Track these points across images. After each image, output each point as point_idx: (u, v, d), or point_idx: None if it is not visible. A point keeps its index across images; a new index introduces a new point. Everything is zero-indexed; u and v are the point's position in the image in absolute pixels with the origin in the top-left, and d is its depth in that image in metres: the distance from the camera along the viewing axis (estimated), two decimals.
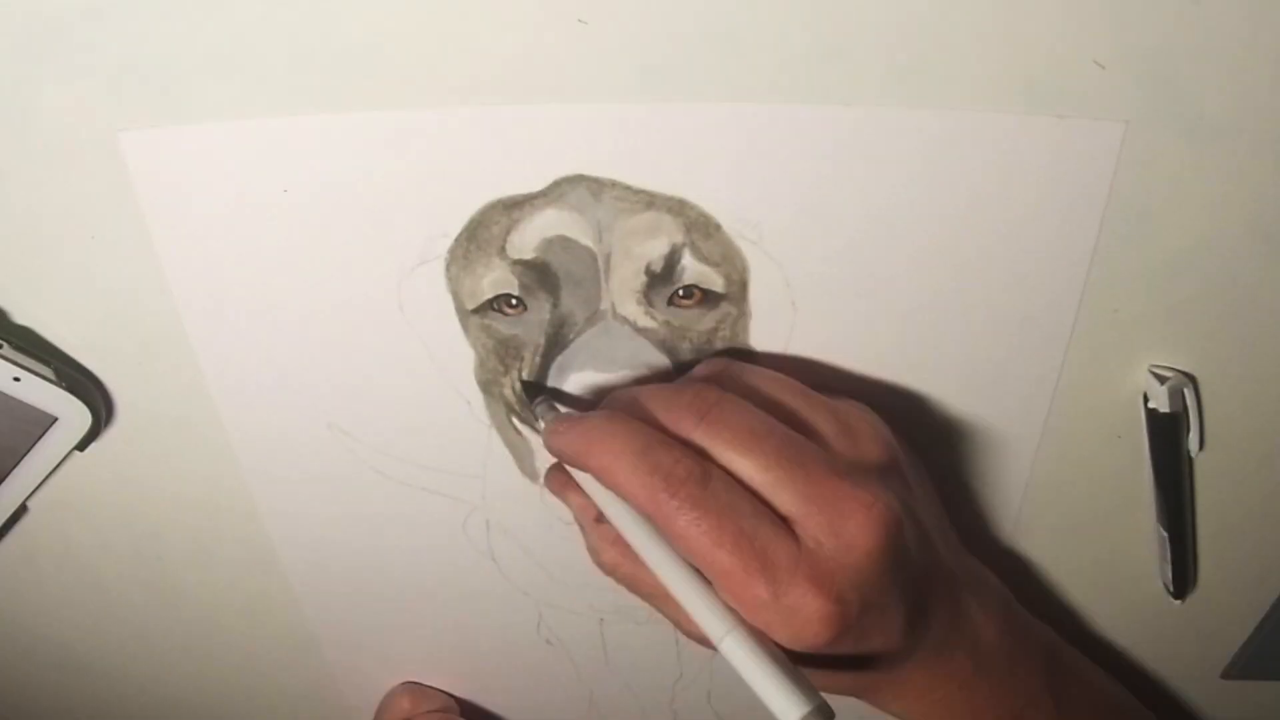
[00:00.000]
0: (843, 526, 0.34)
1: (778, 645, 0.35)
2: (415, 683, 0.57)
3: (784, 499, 0.35)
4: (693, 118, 0.36)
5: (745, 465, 0.35)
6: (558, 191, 0.38)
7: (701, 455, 0.35)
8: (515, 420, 0.45)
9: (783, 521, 0.35)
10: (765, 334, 0.42)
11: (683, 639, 0.53)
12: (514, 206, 0.39)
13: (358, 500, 0.48)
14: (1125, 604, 0.51)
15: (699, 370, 0.41)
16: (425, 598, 0.52)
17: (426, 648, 0.56)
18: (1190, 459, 0.44)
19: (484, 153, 0.37)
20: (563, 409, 0.42)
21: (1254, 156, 0.36)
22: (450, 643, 0.55)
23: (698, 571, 0.36)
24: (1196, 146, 0.36)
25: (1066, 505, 0.48)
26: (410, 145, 0.37)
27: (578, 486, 0.40)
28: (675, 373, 0.42)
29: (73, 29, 0.34)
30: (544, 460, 0.46)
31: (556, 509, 0.48)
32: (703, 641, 0.38)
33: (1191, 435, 0.43)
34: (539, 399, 0.42)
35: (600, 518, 0.39)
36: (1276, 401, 0.43)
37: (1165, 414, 0.42)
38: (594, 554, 0.41)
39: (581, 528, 0.42)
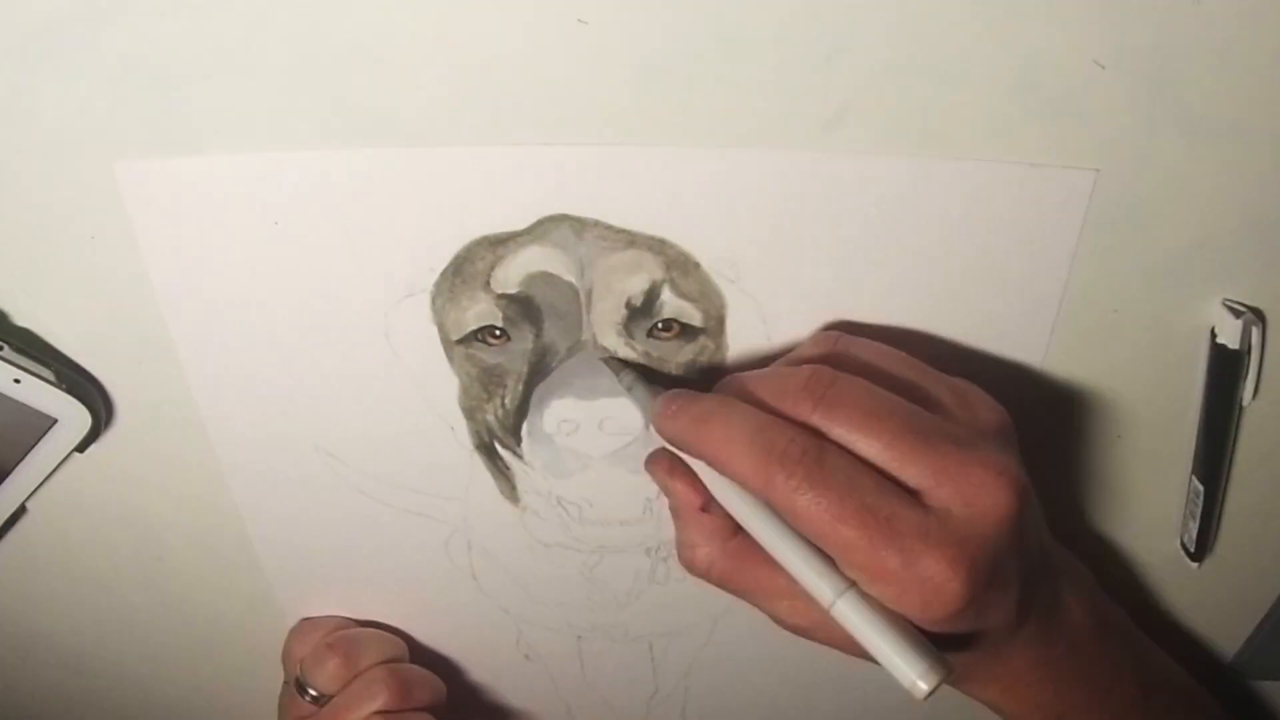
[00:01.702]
0: (974, 495, 0.32)
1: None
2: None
3: (910, 473, 0.33)
4: (673, 160, 0.36)
5: (867, 445, 0.33)
6: (541, 229, 0.38)
7: (819, 433, 0.34)
8: (497, 445, 0.45)
9: (910, 493, 0.33)
10: (741, 367, 0.41)
11: (658, 656, 0.54)
12: (499, 243, 0.39)
13: (342, 520, 0.48)
14: (1133, 594, 0.51)
15: (807, 348, 0.39)
16: (407, 614, 0.52)
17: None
18: (1241, 408, 0.42)
19: (471, 191, 0.37)
20: (679, 391, 0.38)
21: (1254, 157, 0.36)
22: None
23: (817, 551, 0.34)
24: (1196, 146, 0.36)
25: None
26: (399, 182, 0.37)
27: (684, 472, 0.38)
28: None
29: (73, 53, 0.34)
30: (525, 485, 0.46)
31: (536, 532, 0.48)
32: (803, 632, 0.37)
33: (1248, 382, 0.41)
34: (624, 371, 0.40)
35: (705, 506, 0.38)
36: None
37: (1232, 350, 0.40)
38: (687, 550, 0.39)
39: (677, 520, 0.39)
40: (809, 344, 0.39)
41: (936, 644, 0.33)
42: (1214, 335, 0.41)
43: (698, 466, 0.37)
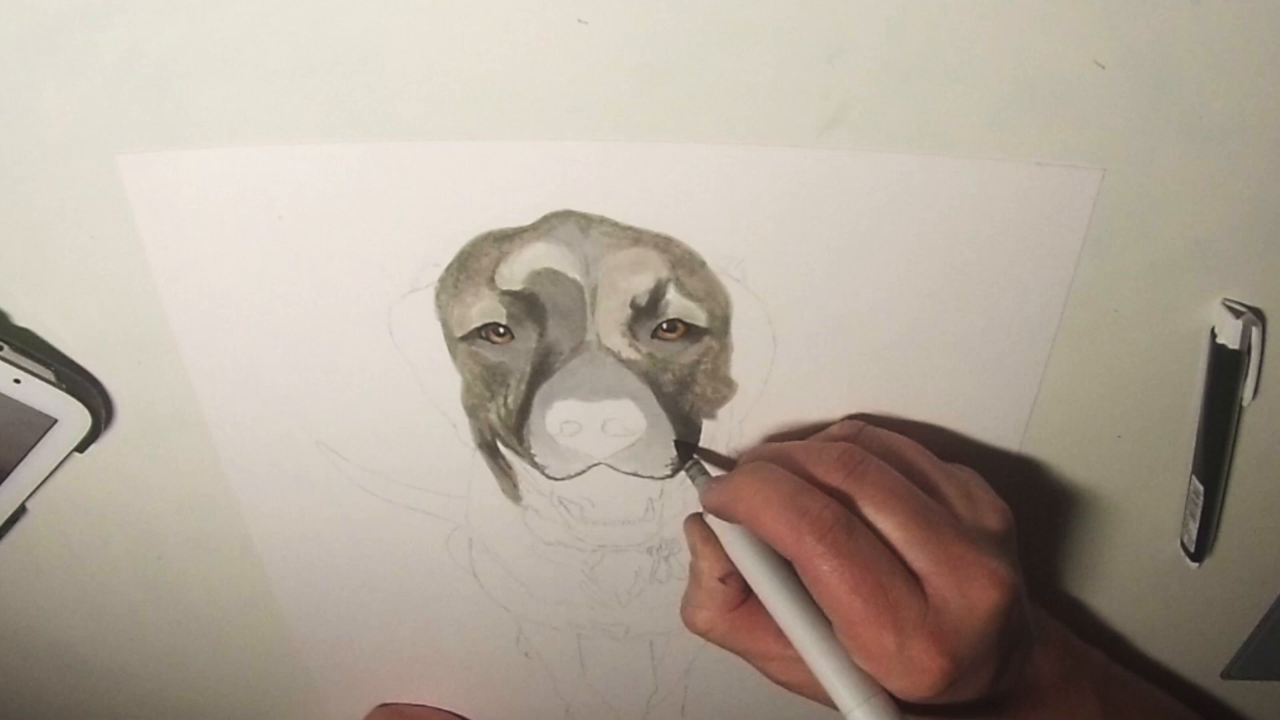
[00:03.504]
0: (969, 589, 0.34)
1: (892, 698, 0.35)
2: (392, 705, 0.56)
3: (917, 557, 0.35)
4: (680, 157, 0.35)
5: (885, 522, 0.35)
6: (547, 226, 0.37)
7: (849, 505, 0.36)
8: (499, 444, 0.43)
9: (915, 577, 0.35)
10: (746, 368, 0.41)
11: (658, 655, 0.53)
12: (504, 239, 0.37)
13: (343, 516, 0.46)
14: (1132, 594, 0.50)
15: (835, 430, 0.41)
16: (408, 611, 0.51)
17: (408, 658, 0.54)
18: (1241, 408, 0.42)
19: (476, 186, 0.36)
20: (712, 470, 0.41)
21: (1254, 157, 0.35)
22: (431, 654, 0.53)
23: (824, 629, 0.36)
24: (1197, 146, 0.35)
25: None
26: (405, 177, 0.36)
27: (715, 541, 0.39)
28: (657, 402, 0.41)
29: (74, 46, 0.33)
30: (527, 484, 0.45)
31: (537, 530, 0.47)
32: (792, 688, 0.39)
33: (1248, 382, 0.41)
34: (690, 462, 0.42)
35: (725, 579, 0.39)
36: None
37: (1232, 350, 0.39)
38: (692, 609, 0.41)
39: (693, 582, 0.41)
40: (837, 428, 0.41)
41: (908, 709, 0.35)
42: (1214, 335, 0.40)
43: (728, 541, 0.39)
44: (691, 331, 0.40)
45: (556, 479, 0.44)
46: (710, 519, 0.40)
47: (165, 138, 0.35)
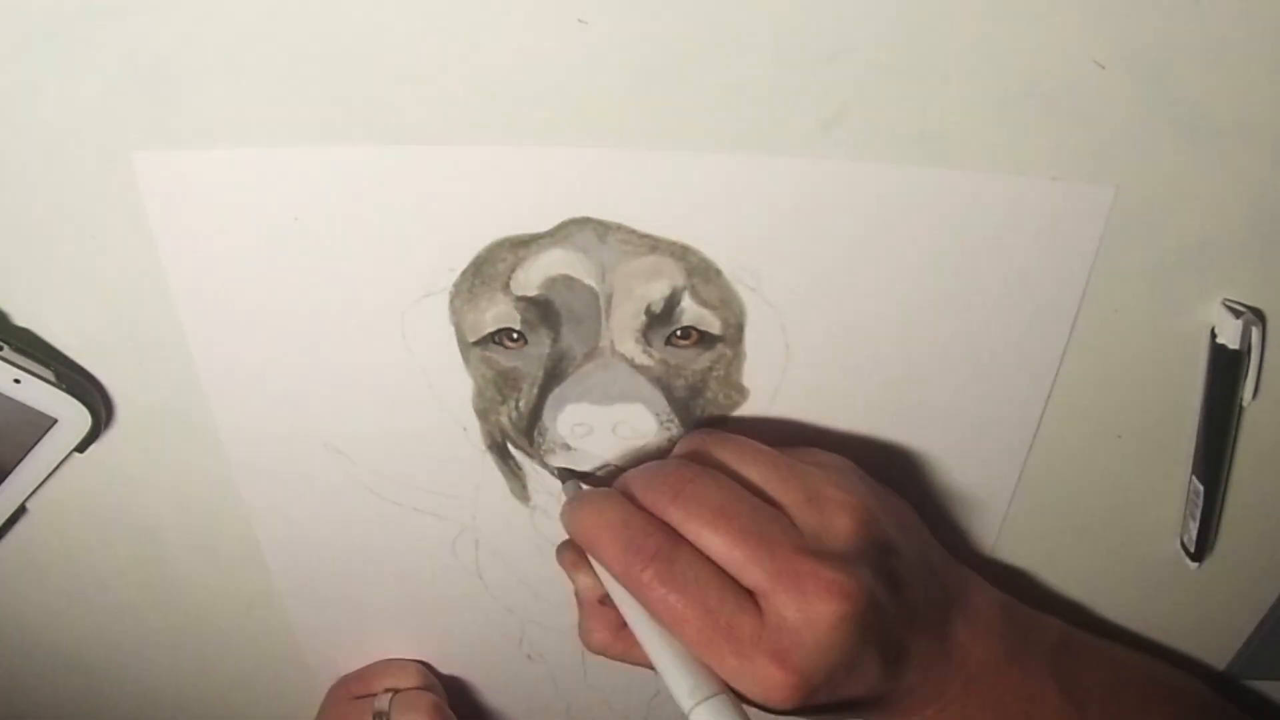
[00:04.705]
0: (805, 603, 0.33)
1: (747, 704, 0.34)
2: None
3: (750, 575, 0.34)
4: (698, 166, 0.35)
5: (714, 542, 0.35)
6: (564, 232, 0.36)
7: (676, 531, 0.35)
8: (510, 446, 0.43)
9: (749, 595, 0.34)
10: (758, 375, 0.40)
11: None
12: (520, 245, 0.37)
13: (350, 517, 0.46)
14: (1132, 594, 0.50)
15: (680, 447, 0.40)
16: (412, 612, 0.50)
17: (411, 659, 0.54)
18: (1241, 408, 0.41)
19: (493, 192, 0.35)
20: (585, 488, 0.41)
21: (1254, 157, 0.35)
22: (434, 655, 0.53)
23: (680, 655, 0.35)
24: (1197, 147, 0.35)
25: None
26: (422, 180, 0.35)
27: (587, 566, 0.39)
28: (669, 407, 0.41)
29: (78, 43, 0.32)
30: (536, 485, 0.44)
31: (545, 532, 0.46)
32: None
33: (1248, 382, 0.40)
34: (569, 480, 0.42)
35: (604, 600, 0.39)
36: None
37: (1232, 350, 0.39)
38: (585, 634, 0.40)
39: (580, 607, 0.40)
40: (682, 442, 0.40)
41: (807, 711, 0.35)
42: (1214, 335, 0.40)
43: (594, 563, 0.38)
44: (705, 339, 0.39)
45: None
46: None
47: (171, 138, 0.34)
